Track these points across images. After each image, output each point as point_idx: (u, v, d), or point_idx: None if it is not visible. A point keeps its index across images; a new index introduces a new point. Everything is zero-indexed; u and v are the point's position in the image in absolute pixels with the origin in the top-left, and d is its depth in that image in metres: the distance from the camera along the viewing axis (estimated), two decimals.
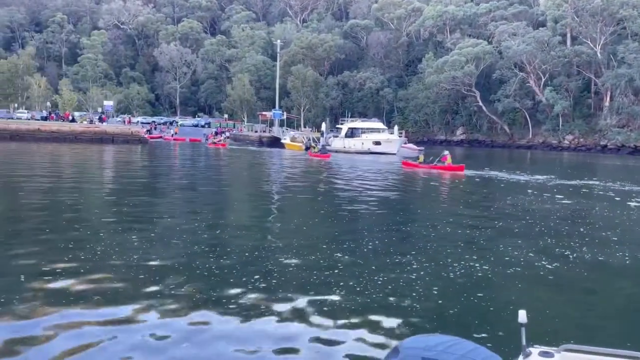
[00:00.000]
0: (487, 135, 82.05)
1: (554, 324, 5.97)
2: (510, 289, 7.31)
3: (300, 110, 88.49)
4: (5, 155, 31.00)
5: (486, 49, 77.60)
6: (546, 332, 5.48)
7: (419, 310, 6.28)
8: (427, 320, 5.98)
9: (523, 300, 6.69)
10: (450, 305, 6.47)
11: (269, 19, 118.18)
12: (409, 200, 17.53)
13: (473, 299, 6.75)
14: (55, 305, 5.99)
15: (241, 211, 14.40)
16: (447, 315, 6.16)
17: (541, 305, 6.66)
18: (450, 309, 6.35)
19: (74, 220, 11.40)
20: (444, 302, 6.61)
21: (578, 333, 5.64)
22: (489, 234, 11.26)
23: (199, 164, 32.36)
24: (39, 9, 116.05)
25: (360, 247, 9.51)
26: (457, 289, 7.17)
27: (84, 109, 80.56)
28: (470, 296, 6.85)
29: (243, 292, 6.69)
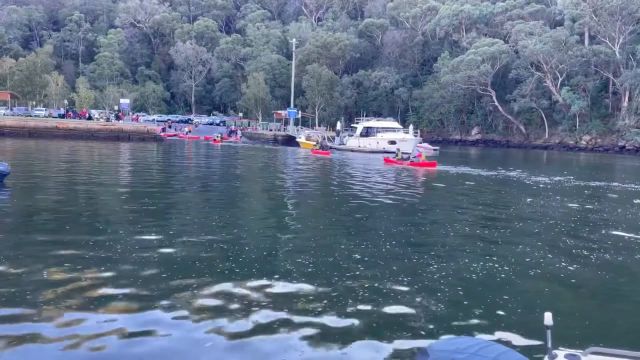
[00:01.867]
0: (503, 135, 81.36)
1: (579, 327, 5.88)
2: (533, 291, 7.21)
3: (315, 109, 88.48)
4: (25, 152, 31.42)
5: (502, 49, 76.92)
6: (571, 335, 5.40)
7: (443, 311, 6.23)
8: (452, 321, 5.93)
9: (547, 302, 6.60)
10: (475, 307, 6.40)
11: (284, 18, 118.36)
12: (422, 200, 17.42)
13: (498, 301, 6.68)
14: (76, 301, 6.04)
15: (256, 209, 14.42)
16: (472, 317, 6.10)
17: (565, 307, 6.57)
18: (475, 311, 6.28)
19: (93, 217, 11.51)
20: (469, 303, 6.54)
21: (603, 336, 5.55)
22: (508, 235, 11.14)
23: (214, 161, 32.51)
24: (56, 7, 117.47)
25: (377, 247, 9.46)
26: (480, 291, 7.10)
27: (101, 107, 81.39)
28: (494, 298, 6.78)
29: (263, 292, 6.68)
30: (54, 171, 21.86)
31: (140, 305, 6.01)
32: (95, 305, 5.93)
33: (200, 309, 6.00)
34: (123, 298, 6.22)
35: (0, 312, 5.63)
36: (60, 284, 6.59)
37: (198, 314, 5.85)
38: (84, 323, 5.43)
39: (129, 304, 6.05)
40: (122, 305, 5.99)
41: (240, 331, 5.43)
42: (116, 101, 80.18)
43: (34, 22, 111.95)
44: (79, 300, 6.08)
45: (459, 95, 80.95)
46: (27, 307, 5.79)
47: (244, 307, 6.08)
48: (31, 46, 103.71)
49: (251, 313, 5.92)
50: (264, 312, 5.97)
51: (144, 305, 6.00)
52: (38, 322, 5.41)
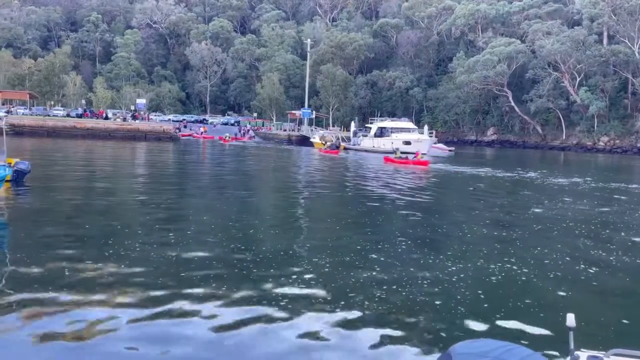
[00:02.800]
0: (519, 135, 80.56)
1: (602, 328, 5.80)
2: (554, 293, 7.13)
3: (329, 109, 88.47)
4: (43, 151, 31.86)
5: (519, 48, 76.15)
6: (594, 337, 5.33)
7: (464, 313, 6.18)
8: (473, 323, 5.88)
9: (568, 304, 6.52)
10: (496, 309, 6.35)
11: (298, 18, 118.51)
12: (437, 201, 17.32)
13: (518, 303, 6.62)
14: (95, 300, 6.10)
15: (270, 209, 14.45)
16: (493, 319, 6.04)
17: (587, 309, 6.49)
18: (497, 313, 6.23)
19: (111, 214, 11.63)
20: (489, 305, 6.49)
21: (626, 337, 5.45)
22: (526, 237, 11.02)
23: (228, 161, 32.65)
24: (74, 8, 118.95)
25: (393, 247, 9.43)
26: (500, 293, 7.04)
27: (117, 107, 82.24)
28: (515, 300, 6.72)
29: (280, 293, 6.69)
30: (72, 170, 22.14)
31: (156, 302, 6.05)
32: (111, 301, 5.98)
33: (216, 307, 6.02)
34: (138, 295, 6.26)
35: (20, 305, 5.71)
36: (78, 280, 6.66)
37: (213, 312, 5.87)
38: (97, 317, 5.48)
39: (144, 301, 6.09)
40: (138, 303, 6.03)
41: (255, 330, 5.44)
42: (133, 101, 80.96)
43: (52, 22, 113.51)
44: (93, 295, 6.14)
45: (475, 95, 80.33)
46: (45, 302, 5.86)
47: (260, 307, 6.10)
48: (49, 47, 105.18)
49: (267, 313, 5.93)
50: (281, 312, 5.98)
51: (160, 303, 6.03)
52: (55, 316, 5.47)
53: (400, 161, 33.48)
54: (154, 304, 6.02)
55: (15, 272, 7.02)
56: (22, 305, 5.80)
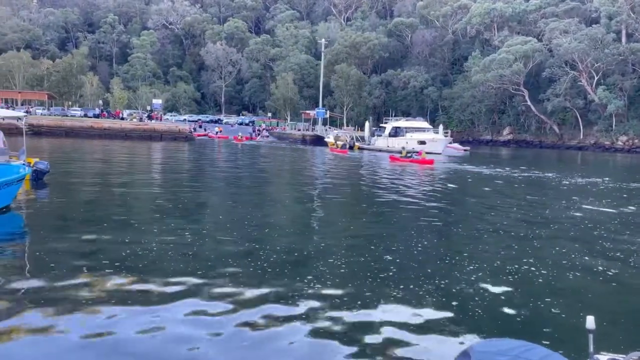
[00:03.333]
0: (536, 135, 79.73)
1: (622, 331, 5.71)
2: (574, 294, 7.04)
3: (343, 109, 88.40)
4: (62, 151, 32.29)
5: (536, 47, 75.35)
6: (614, 339, 5.24)
7: (483, 314, 6.12)
8: (492, 323, 5.82)
9: (588, 305, 6.44)
10: (515, 309, 6.28)
11: (312, 18, 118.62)
12: (453, 201, 17.19)
13: (538, 303, 6.54)
14: (113, 298, 6.16)
15: (285, 208, 14.47)
16: (512, 319, 5.98)
17: (607, 310, 6.38)
18: (516, 313, 6.16)
19: (127, 213, 11.74)
20: (508, 305, 6.42)
21: None
22: (544, 237, 10.89)
23: (242, 161, 32.78)
24: (91, 10, 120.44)
25: (409, 248, 9.37)
26: (519, 293, 6.96)
27: (134, 107, 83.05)
28: (535, 300, 6.64)
29: (296, 293, 6.69)
30: (90, 169, 22.41)
31: (172, 299, 6.09)
32: (127, 297, 6.03)
33: (232, 305, 6.04)
34: (155, 293, 6.31)
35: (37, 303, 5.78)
36: (95, 275, 6.73)
37: (229, 310, 5.89)
38: (115, 315, 5.54)
39: (160, 298, 6.13)
40: (154, 300, 6.07)
41: (270, 328, 5.45)
42: (149, 101, 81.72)
43: (70, 24, 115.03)
44: (109, 291, 6.20)
45: (490, 94, 79.66)
46: (62, 300, 5.93)
47: (275, 305, 6.10)
48: (67, 48, 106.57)
49: (283, 311, 5.93)
50: (296, 310, 5.98)
51: (176, 299, 6.07)
52: (72, 314, 5.54)
53: (406, 160, 34.29)
54: (170, 300, 6.06)
55: (32, 267, 7.12)
56: (36, 297, 5.88)
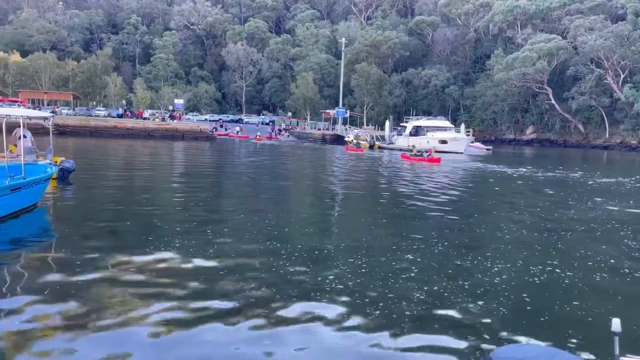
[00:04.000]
0: (560, 134, 78.39)
1: None
2: (599, 296, 6.90)
3: (363, 108, 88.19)
4: (86, 150, 32.86)
5: (560, 45, 74.08)
6: None
7: (506, 316, 6.04)
8: (517, 325, 5.74)
9: (614, 308, 6.30)
10: (539, 312, 6.18)
11: (333, 17, 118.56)
12: (474, 201, 17.00)
13: (564, 306, 6.43)
14: (135, 294, 6.24)
15: (305, 208, 14.48)
16: (536, 323, 5.88)
17: (633, 313, 6.24)
18: (540, 316, 6.07)
19: (151, 212, 11.89)
20: (532, 308, 6.32)
21: None
22: (568, 238, 10.71)
23: (262, 160, 32.91)
24: (115, 11, 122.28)
25: (430, 248, 9.30)
26: (545, 296, 6.85)
27: (156, 107, 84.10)
28: (560, 303, 6.53)
29: (317, 292, 6.69)
30: (114, 168, 22.77)
31: (194, 298, 6.15)
32: (149, 296, 6.11)
33: (252, 306, 6.07)
34: (175, 291, 6.37)
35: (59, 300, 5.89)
36: (117, 273, 6.83)
37: (249, 310, 5.92)
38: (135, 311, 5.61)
39: (181, 298, 6.19)
40: (175, 299, 6.14)
41: (291, 329, 5.46)
42: (171, 101, 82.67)
43: (94, 25, 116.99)
44: (131, 289, 6.28)
45: (513, 93, 78.59)
46: (84, 297, 6.04)
47: (296, 305, 6.12)
48: (92, 49, 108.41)
49: (304, 311, 5.94)
50: (317, 311, 5.98)
51: (198, 299, 6.13)
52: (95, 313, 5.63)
53: (415, 158, 35.32)
54: (192, 299, 6.12)
55: (57, 262, 7.26)
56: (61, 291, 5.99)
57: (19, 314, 5.50)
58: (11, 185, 9.89)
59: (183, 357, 4.80)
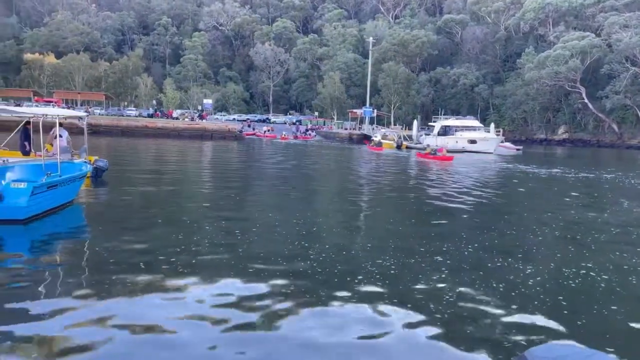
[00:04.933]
0: (593, 134, 76.55)
1: None
2: (637, 301, 6.71)
3: (390, 108, 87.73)
4: (118, 149, 33.57)
5: (594, 42, 72.32)
6: None
7: (542, 319, 5.93)
8: (552, 328, 5.64)
9: None
10: (576, 315, 6.05)
11: (360, 17, 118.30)
12: (504, 202, 16.72)
13: (601, 309, 6.28)
14: (166, 292, 6.35)
15: (330, 207, 14.49)
16: (573, 326, 5.76)
17: None
18: (576, 318, 5.94)
19: (182, 211, 12.08)
20: (569, 311, 6.19)
21: None
22: (603, 241, 10.44)
23: (290, 159, 33.07)
24: (146, 13, 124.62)
25: (460, 250, 9.19)
26: (581, 297, 6.72)
27: (185, 107, 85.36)
28: (597, 306, 6.38)
29: (346, 294, 6.69)
30: (145, 166, 23.21)
31: (225, 295, 6.22)
32: (179, 293, 6.21)
33: (284, 306, 6.11)
34: (205, 290, 6.46)
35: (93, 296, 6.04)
36: (149, 272, 6.97)
37: (280, 308, 5.96)
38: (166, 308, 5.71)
39: (211, 296, 6.27)
40: (204, 297, 6.22)
41: (319, 328, 5.47)
42: (200, 101, 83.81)
43: (126, 27, 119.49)
44: (164, 287, 6.39)
45: (545, 92, 77.09)
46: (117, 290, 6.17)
47: (324, 306, 6.13)
48: (123, 50, 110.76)
49: (332, 311, 5.95)
50: (345, 311, 5.98)
51: (228, 296, 6.20)
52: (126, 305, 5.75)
53: (430, 156, 36.25)
54: (223, 297, 6.19)
55: (92, 259, 7.45)
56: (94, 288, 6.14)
57: (55, 308, 5.65)
58: (48, 182, 10.18)
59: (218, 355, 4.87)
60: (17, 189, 9.43)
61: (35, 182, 9.79)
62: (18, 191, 9.39)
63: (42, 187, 9.88)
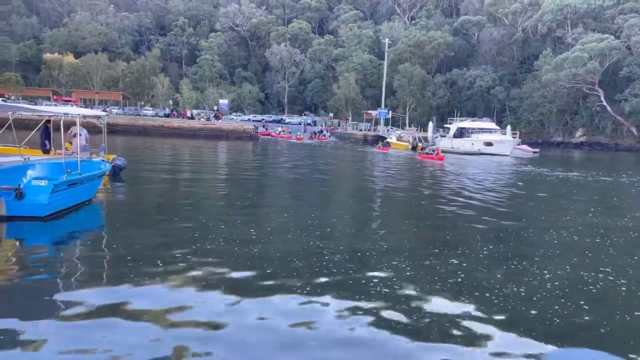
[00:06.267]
0: (611, 137, 75.50)
1: None
2: None
3: (405, 109, 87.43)
4: (135, 148, 33.94)
5: (613, 45, 71.37)
6: None
7: (561, 324, 5.87)
8: (572, 334, 5.58)
9: None
10: (597, 322, 5.98)
11: (376, 18, 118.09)
12: (520, 205, 16.58)
13: (626, 316, 6.19)
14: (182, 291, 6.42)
15: (343, 206, 14.49)
16: (593, 331, 5.70)
17: None
18: (597, 325, 5.87)
19: (198, 210, 12.19)
20: (590, 316, 6.12)
21: None
22: (622, 245, 10.30)
23: (305, 159, 33.14)
24: (163, 13, 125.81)
25: (475, 252, 9.13)
26: (601, 303, 6.63)
27: (201, 107, 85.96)
28: (622, 313, 6.29)
29: (363, 295, 6.70)
30: (162, 165, 23.44)
31: (240, 294, 6.26)
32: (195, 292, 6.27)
33: (298, 307, 6.14)
34: (220, 290, 6.51)
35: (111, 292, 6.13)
36: (166, 270, 7.05)
37: (295, 311, 5.99)
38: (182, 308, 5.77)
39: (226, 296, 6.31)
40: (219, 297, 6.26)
41: (333, 328, 5.49)
42: (215, 101, 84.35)
43: (143, 27, 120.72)
44: (180, 286, 6.46)
45: (562, 94, 76.23)
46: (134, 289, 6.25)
47: (342, 309, 6.15)
48: (140, 50, 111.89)
49: (350, 314, 5.97)
50: (363, 314, 5.99)
51: (243, 295, 6.24)
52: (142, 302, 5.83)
53: (427, 156, 38.14)
54: (236, 298, 6.24)
55: (110, 256, 7.55)
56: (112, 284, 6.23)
57: (71, 305, 5.75)
58: (68, 180, 10.34)
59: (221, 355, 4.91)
60: (38, 186, 9.60)
61: (55, 180, 9.95)
62: (39, 189, 9.56)
63: (62, 185, 10.04)
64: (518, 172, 29.79)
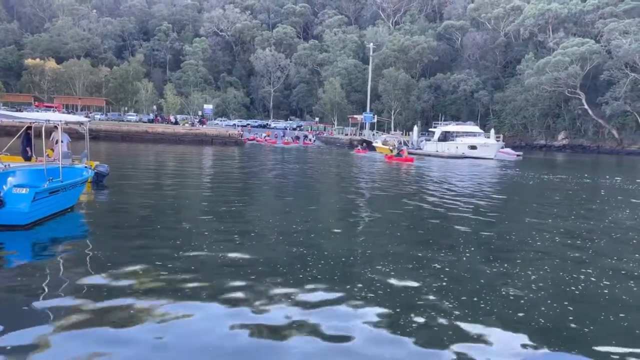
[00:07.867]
0: (593, 140, 76.66)
1: None
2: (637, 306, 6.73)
3: (390, 114, 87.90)
4: (118, 154, 33.62)
5: (593, 49, 72.56)
6: None
7: (545, 327, 5.91)
8: (555, 337, 5.63)
9: None
10: (580, 324, 6.05)
11: (360, 23, 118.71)
12: (502, 207, 16.74)
13: (609, 317, 6.29)
14: (163, 297, 6.36)
15: (330, 212, 14.50)
16: (577, 334, 5.76)
17: None
18: (583, 327, 5.95)
19: (182, 217, 12.10)
20: (573, 319, 6.19)
21: None
22: (604, 246, 10.45)
23: (290, 164, 33.12)
24: (147, 18, 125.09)
25: (459, 255, 9.19)
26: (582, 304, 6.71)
27: (186, 112, 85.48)
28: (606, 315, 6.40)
29: (348, 301, 6.70)
30: (145, 172, 23.24)
31: (223, 302, 6.23)
32: (177, 299, 6.23)
33: (283, 313, 6.12)
34: (202, 295, 6.47)
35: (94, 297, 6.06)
36: (147, 277, 6.98)
37: (279, 317, 5.97)
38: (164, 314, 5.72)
39: (208, 302, 6.28)
40: (201, 303, 6.23)
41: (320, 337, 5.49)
42: (200, 107, 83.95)
43: (126, 32, 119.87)
44: (161, 293, 6.41)
45: (545, 98, 77.28)
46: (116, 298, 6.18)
47: (327, 313, 6.14)
48: (124, 55, 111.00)
49: (334, 319, 5.96)
50: (348, 319, 5.99)
51: (227, 303, 6.21)
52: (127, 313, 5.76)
53: (394, 158, 39.03)
54: (218, 304, 6.20)
55: (92, 263, 7.46)
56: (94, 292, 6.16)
57: (53, 313, 5.67)
58: (50, 188, 10.20)
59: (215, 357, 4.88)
60: (19, 194, 9.44)
61: (37, 188, 9.80)
62: (20, 197, 9.41)
63: (44, 192, 9.90)
64: (500, 175, 30.09)
